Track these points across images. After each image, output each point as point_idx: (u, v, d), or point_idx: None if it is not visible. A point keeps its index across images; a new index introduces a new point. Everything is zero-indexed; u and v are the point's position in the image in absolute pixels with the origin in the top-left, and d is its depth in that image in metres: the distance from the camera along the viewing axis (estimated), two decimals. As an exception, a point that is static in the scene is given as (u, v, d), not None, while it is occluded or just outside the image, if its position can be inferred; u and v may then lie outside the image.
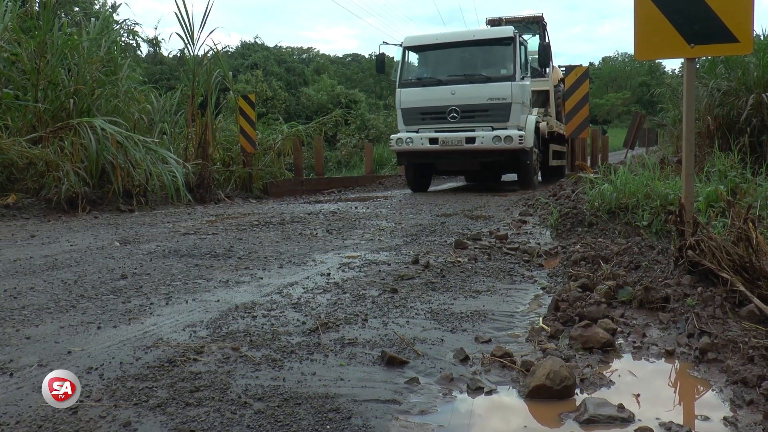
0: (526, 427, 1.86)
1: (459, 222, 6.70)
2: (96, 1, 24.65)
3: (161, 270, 4.01)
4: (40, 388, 2.00)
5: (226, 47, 41.52)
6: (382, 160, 20.35)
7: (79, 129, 8.16)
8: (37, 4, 10.62)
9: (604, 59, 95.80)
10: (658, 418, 1.88)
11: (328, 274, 3.84)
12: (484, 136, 11.42)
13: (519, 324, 2.90)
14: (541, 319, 2.93)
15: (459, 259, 4.30)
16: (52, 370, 2.18)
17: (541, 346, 2.53)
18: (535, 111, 13.24)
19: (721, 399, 2.04)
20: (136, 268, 4.05)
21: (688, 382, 2.25)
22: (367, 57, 73.97)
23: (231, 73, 13.27)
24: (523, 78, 11.95)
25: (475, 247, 4.82)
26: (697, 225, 3.25)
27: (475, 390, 2.11)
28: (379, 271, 3.94)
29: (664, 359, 2.45)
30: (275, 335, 2.61)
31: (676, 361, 2.43)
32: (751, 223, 3.10)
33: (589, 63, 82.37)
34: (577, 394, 2.09)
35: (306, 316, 2.91)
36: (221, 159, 11.95)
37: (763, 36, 9.22)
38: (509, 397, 2.09)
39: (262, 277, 3.80)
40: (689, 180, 3.90)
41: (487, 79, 11.74)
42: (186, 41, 10.47)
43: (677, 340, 2.59)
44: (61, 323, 2.80)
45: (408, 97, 12.36)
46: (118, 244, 5.13)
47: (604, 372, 2.29)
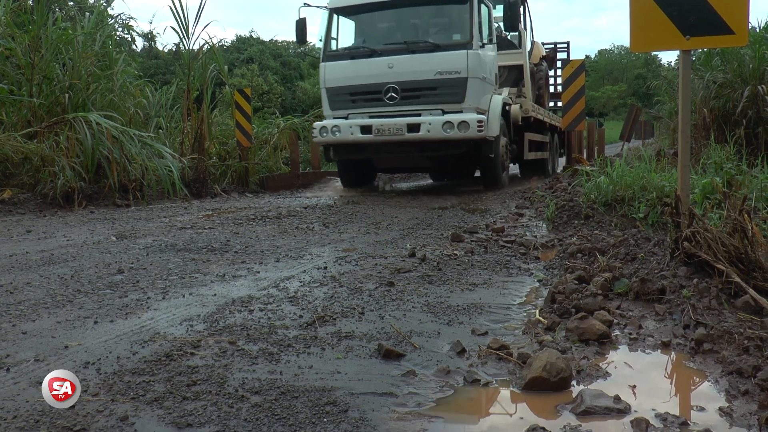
0: (522, 418, 1.87)
1: (455, 214, 6.70)
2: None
3: (158, 264, 4.00)
4: (37, 383, 2.01)
5: (221, 41, 41.46)
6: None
7: (75, 124, 8.12)
8: (31, -1, 10.59)
9: (600, 52, 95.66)
10: (654, 409, 1.88)
11: (325, 268, 3.84)
12: (432, 123, 8.86)
13: (515, 316, 2.91)
14: (537, 311, 2.93)
15: (455, 252, 4.30)
16: (48, 365, 2.19)
17: (538, 338, 2.53)
18: (505, 91, 10.81)
19: (716, 389, 2.05)
20: (132, 263, 4.04)
21: (684, 373, 2.26)
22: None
23: (226, 67, 13.23)
24: (483, 46, 9.33)
25: (471, 240, 4.83)
26: (693, 217, 3.25)
27: (472, 382, 2.12)
28: (376, 264, 3.94)
29: (660, 350, 2.46)
30: (272, 329, 2.61)
31: (672, 352, 2.44)
32: (746, 215, 3.11)
33: (585, 56, 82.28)
34: (573, 385, 2.09)
35: (303, 309, 2.91)
36: (217, 153, 11.91)
37: (759, 28, 9.24)
38: (506, 389, 2.09)
39: (258, 271, 3.80)
40: (685, 172, 3.90)
41: (435, 48, 9.13)
42: (181, 35, 10.42)
43: (673, 332, 2.59)
44: (58, 318, 2.80)
45: (334, 73, 9.68)
46: (114, 238, 5.12)
47: (601, 363, 2.29)
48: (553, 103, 16.82)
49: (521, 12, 11.61)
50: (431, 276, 3.62)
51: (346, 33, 10.33)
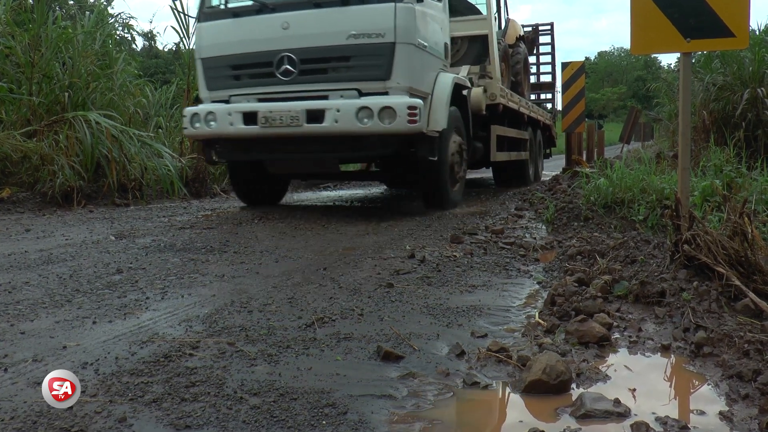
0: (522, 422, 1.86)
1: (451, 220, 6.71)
2: (90, -5, 24.53)
3: (157, 264, 3.99)
4: (35, 383, 2.00)
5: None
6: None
7: (74, 123, 8.10)
8: (31, -3, 10.57)
9: (600, 54, 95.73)
10: (654, 413, 1.88)
11: (325, 269, 3.83)
12: (341, 109, 5.92)
13: (515, 319, 2.90)
14: (537, 313, 2.93)
15: (455, 253, 4.29)
16: (47, 365, 2.18)
17: (537, 340, 2.53)
18: (463, 70, 8.30)
19: (716, 393, 2.05)
20: (131, 263, 4.03)
21: (684, 376, 2.26)
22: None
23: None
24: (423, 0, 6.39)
25: (471, 242, 4.82)
26: (693, 219, 3.25)
27: (471, 385, 2.11)
28: (375, 265, 3.93)
29: (660, 354, 2.46)
30: (271, 330, 2.61)
31: (672, 355, 2.43)
32: (746, 218, 3.11)
33: (585, 58, 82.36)
34: (573, 388, 2.09)
35: (302, 310, 2.91)
36: (217, 153, 11.88)
37: (759, 31, 9.25)
38: (505, 392, 2.09)
39: (258, 272, 3.79)
40: (685, 174, 3.90)
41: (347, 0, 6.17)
42: (181, 35, 10.39)
43: (673, 335, 2.59)
44: (57, 318, 2.79)
45: (211, 37, 6.79)
46: (113, 238, 5.11)
47: (600, 366, 2.29)
48: (536, 96, 14.90)
49: None
50: (430, 278, 3.61)
51: None
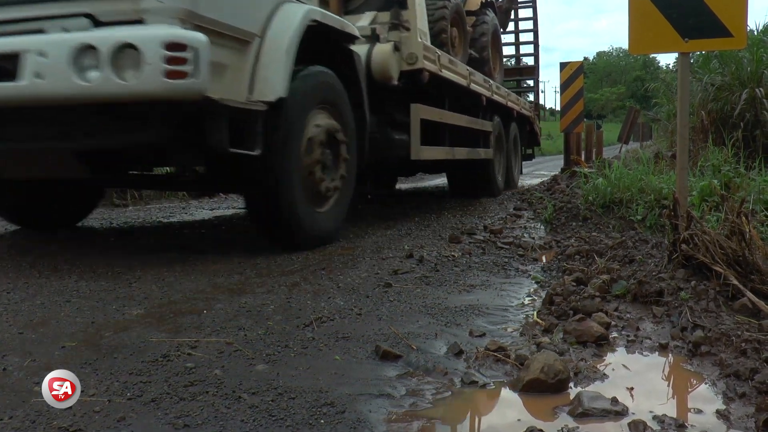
0: (519, 420, 1.86)
1: (452, 216, 6.71)
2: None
3: (155, 265, 3.99)
4: (34, 383, 2.00)
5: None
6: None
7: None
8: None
9: (599, 54, 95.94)
10: (651, 411, 1.88)
11: (323, 269, 3.84)
12: (48, 52, 3.19)
13: (513, 318, 2.91)
14: (535, 313, 2.93)
15: (453, 253, 4.30)
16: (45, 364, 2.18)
17: (536, 340, 2.53)
18: (366, 17, 5.99)
19: (714, 392, 2.05)
20: (130, 263, 4.03)
21: (682, 375, 2.26)
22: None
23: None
24: None
25: (469, 242, 4.83)
26: (691, 219, 3.26)
27: (469, 384, 2.11)
28: (373, 265, 3.94)
29: (657, 353, 2.46)
30: (269, 330, 2.61)
31: (670, 354, 2.44)
32: (744, 217, 3.12)
33: (584, 58, 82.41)
34: (571, 387, 2.09)
35: (300, 310, 2.91)
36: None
37: (757, 31, 9.27)
38: (503, 391, 2.09)
39: (252, 277, 3.79)
40: (683, 174, 3.91)
41: None
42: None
43: (671, 334, 2.60)
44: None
45: None
46: (112, 239, 5.11)
47: (598, 365, 2.29)
48: (516, 83, 13.20)
49: None
50: (429, 277, 3.62)
51: None
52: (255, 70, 3.88)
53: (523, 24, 13.25)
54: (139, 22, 3.31)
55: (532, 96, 13.68)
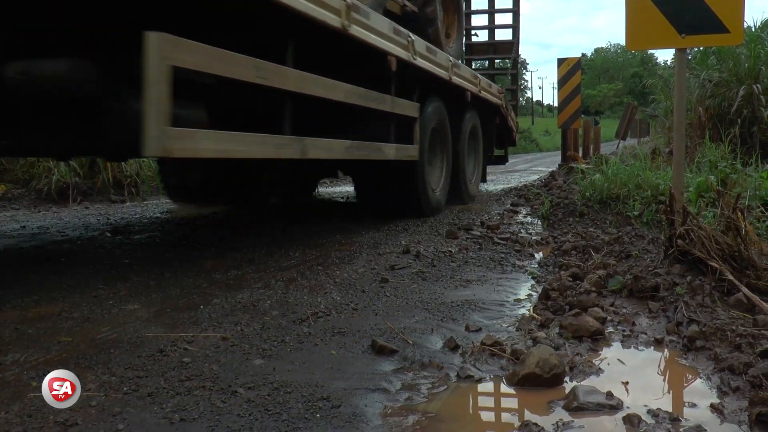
0: (515, 414, 1.87)
1: (449, 213, 6.72)
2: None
3: (150, 261, 3.99)
4: (30, 378, 2.00)
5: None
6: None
7: (69, 119, 8.07)
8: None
9: (597, 50, 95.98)
10: (646, 406, 1.89)
11: (320, 265, 3.84)
12: None
13: (509, 313, 2.91)
14: (531, 308, 2.94)
15: (450, 249, 4.30)
16: (42, 361, 2.18)
17: (531, 334, 2.53)
18: None
19: (708, 386, 2.06)
20: (127, 259, 4.03)
21: (677, 369, 2.27)
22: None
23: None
24: None
25: (466, 237, 4.83)
26: (687, 214, 3.26)
27: (465, 378, 2.12)
28: (370, 260, 3.94)
29: (653, 347, 2.47)
30: (265, 324, 2.61)
31: (665, 349, 2.45)
32: (740, 213, 3.12)
33: (582, 54, 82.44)
34: (566, 382, 2.10)
35: (297, 305, 2.91)
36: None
37: (755, 27, 9.26)
38: (499, 386, 2.09)
39: (248, 271, 3.79)
40: (679, 170, 3.92)
41: None
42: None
43: (666, 329, 2.60)
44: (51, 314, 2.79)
45: None
46: (109, 234, 5.11)
47: (594, 360, 2.30)
48: (488, 62, 11.17)
49: None
50: (425, 273, 3.62)
51: None
52: None
53: None
54: None
55: (511, 80, 11.24)
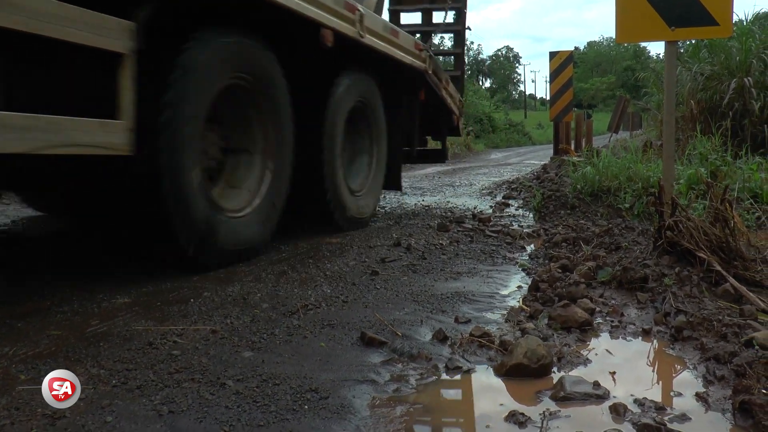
0: (502, 405, 1.88)
1: (442, 205, 6.72)
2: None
3: (144, 254, 3.98)
4: (19, 371, 2.00)
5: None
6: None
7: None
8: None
9: (590, 44, 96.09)
10: (632, 395, 1.90)
11: (311, 258, 3.84)
12: None
13: (499, 305, 2.92)
14: (521, 299, 2.95)
15: (441, 241, 4.31)
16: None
17: (520, 326, 2.55)
18: None
19: (694, 375, 2.08)
20: (117, 252, 4.02)
21: (664, 359, 2.29)
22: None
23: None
24: None
25: (458, 230, 4.84)
26: (676, 206, 3.28)
27: (453, 369, 2.13)
28: (361, 253, 3.95)
29: (641, 338, 2.49)
30: (254, 317, 2.62)
31: (653, 339, 2.46)
32: (728, 204, 3.14)
33: (575, 47, 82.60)
34: (554, 372, 2.11)
35: (286, 298, 2.92)
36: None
37: (746, 21, 9.29)
38: (487, 376, 2.11)
39: (239, 264, 3.79)
40: (669, 162, 3.94)
41: None
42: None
43: (654, 319, 2.62)
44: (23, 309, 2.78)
45: None
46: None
47: (582, 351, 2.31)
48: (431, 17, 7.39)
49: None
50: (416, 265, 3.63)
51: None
52: None
53: None
54: None
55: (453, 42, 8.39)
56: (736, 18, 9.69)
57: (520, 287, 3.25)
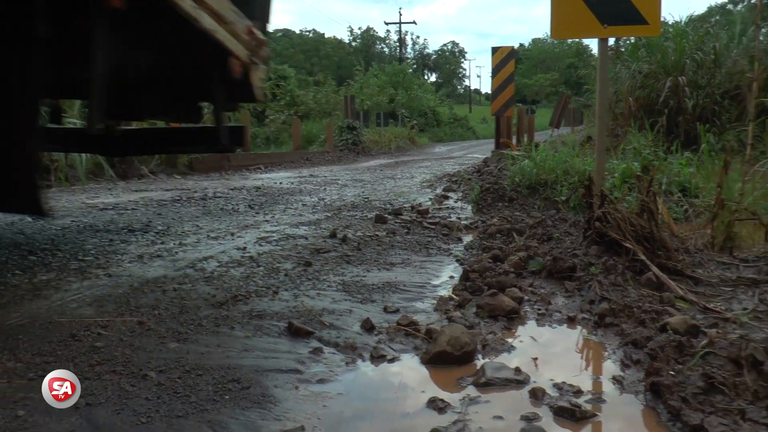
0: (424, 392, 1.89)
1: (382, 198, 6.73)
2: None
3: (74, 245, 3.89)
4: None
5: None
6: (310, 136, 19.98)
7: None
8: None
9: (534, 41, 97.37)
10: (552, 380, 1.94)
11: (245, 248, 3.81)
12: None
13: (429, 294, 2.94)
14: (451, 289, 2.98)
15: (377, 233, 4.32)
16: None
17: (448, 314, 2.57)
18: None
19: (612, 360, 2.13)
20: (47, 244, 3.92)
21: (586, 345, 2.34)
22: (298, 33, 73.11)
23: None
24: None
25: (395, 222, 4.86)
26: (605, 198, 3.35)
27: (378, 358, 2.14)
28: (296, 245, 3.93)
29: (566, 325, 2.54)
30: (183, 309, 2.58)
31: (577, 326, 2.52)
32: (653, 196, 3.23)
33: (519, 44, 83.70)
34: (478, 359, 2.14)
35: (217, 289, 2.89)
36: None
37: (683, 22, 9.55)
38: (411, 364, 2.12)
39: (177, 252, 3.74)
40: (601, 156, 4.03)
41: None
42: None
43: (580, 307, 2.68)
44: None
45: None
46: (30, 219, 4.95)
47: (507, 338, 2.35)
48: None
49: None
50: (350, 256, 3.63)
51: None
52: None
53: None
54: None
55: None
56: (671, 19, 9.98)
57: (452, 277, 3.27)
